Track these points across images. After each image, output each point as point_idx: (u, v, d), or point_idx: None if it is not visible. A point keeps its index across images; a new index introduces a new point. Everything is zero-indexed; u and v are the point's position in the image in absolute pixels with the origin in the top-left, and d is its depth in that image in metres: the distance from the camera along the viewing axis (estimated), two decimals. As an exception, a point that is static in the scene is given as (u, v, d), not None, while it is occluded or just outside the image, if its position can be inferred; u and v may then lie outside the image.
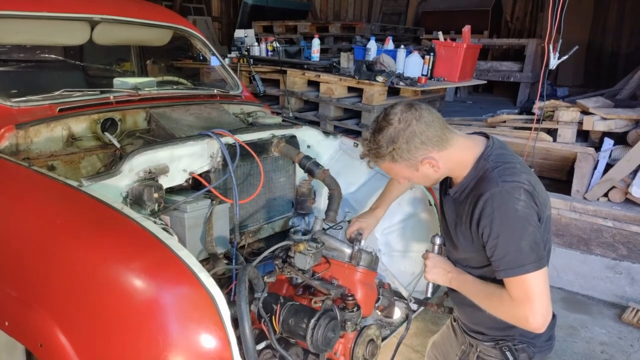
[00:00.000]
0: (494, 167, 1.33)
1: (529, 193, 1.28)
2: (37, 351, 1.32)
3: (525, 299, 1.25)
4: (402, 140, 1.31)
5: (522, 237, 1.25)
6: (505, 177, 1.30)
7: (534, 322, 1.25)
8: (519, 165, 1.35)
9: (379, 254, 1.86)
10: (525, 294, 1.25)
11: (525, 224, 1.26)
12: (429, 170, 1.37)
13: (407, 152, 1.33)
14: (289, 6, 8.39)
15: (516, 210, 1.26)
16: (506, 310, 1.31)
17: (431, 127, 1.32)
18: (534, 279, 1.25)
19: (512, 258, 1.26)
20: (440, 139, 1.34)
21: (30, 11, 2.20)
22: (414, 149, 1.32)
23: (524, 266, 1.25)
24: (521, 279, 1.25)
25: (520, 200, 1.26)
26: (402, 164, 1.36)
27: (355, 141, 2.57)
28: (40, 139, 1.88)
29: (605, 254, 3.42)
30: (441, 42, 4.68)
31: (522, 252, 1.25)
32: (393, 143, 1.32)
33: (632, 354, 2.83)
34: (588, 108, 3.68)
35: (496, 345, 1.45)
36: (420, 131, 1.31)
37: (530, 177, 1.33)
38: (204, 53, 3.06)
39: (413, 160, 1.34)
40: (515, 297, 1.27)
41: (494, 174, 1.31)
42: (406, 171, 1.39)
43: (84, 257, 1.31)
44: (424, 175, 1.39)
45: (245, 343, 1.25)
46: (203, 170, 1.93)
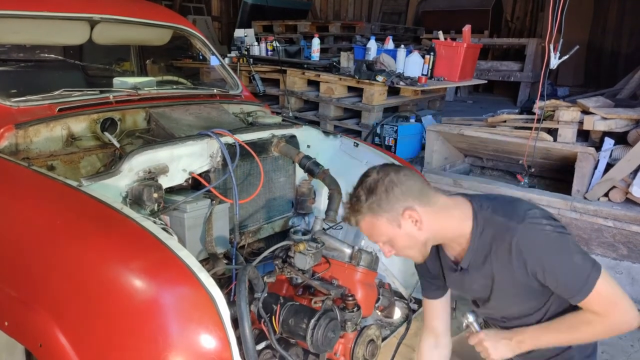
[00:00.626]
0: (494, 213, 1.30)
1: (542, 212, 1.29)
2: (36, 351, 1.32)
3: (612, 306, 1.24)
4: (381, 189, 1.26)
5: (571, 253, 1.24)
6: (513, 212, 1.28)
7: (632, 320, 1.24)
8: (508, 199, 1.37)
9: (379, 254, 1.86)
10: (608, 301, 1.24)
11: (566, 241, 1.25)
12: (412, 229, 1.28)
13: (387, 202, 1.26)
14: (288, 5, 8.38)
15: (547, 233, 1.24)
16: (601, 328, 1.27)
17: (411, 179, 1.29)
18: (604, 283, 1.23)
19: (577, 279, 1.23)
20: (421, 192, 1.29)
21: (29, 11, 2.19)
22: (393, 199, 1.26)
23: (590, 277, 1.23)
24: (596, 291, 1.22)
25: (545, 224, 1.25)
26: (383, 217, 1.28)
27: (355, 141, 2.57)
28: (39, 139, 1.88)
29: (605, 253, 3.41)
30: (441, 41, 4.68)
31: (580, 266, 1.23)
32: (372, 193, 1.27)
33: (632, 354, 2.83)
34: (588, 108, 3.67)
35: None
36: (400, 181, 1.27)
37: (522, 200, 1.35)
38: (203, 53, 3.06)
39: (394, 212, 1.27)
40: (602, 310, 1.24)
41: (501, 218, 1.28)
42: (388, 227, 1.29)
43: (84, 257, 1.31)
44: (407, 234, 1.29)
45: (245, 343, 1.25)
46: (203, 170, 1.93)
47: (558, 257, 1.24)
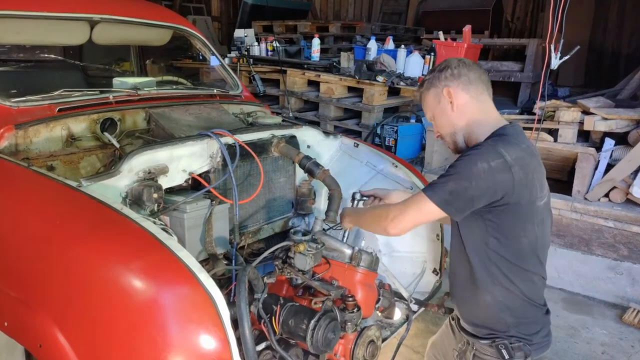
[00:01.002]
0: (500, 134, 1.40)
1: (503, 165, 1.30)
2: (36, 352, 1.32)
3: (404, 207, 1.41)
4: (439, 68, 1.49)
5: (456, 180, 1.32)
6: (499, 142, 1.35)
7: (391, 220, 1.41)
8: (524, 145, 1.38)
9: (379, 255, 1.86)
10: (410, 205, 1.40)
11: (469, 177, 1.30)
12: (447, 106, 1.47)
13: (437, 79, 1.48)
14: (289, 6, 8.38)
15: (475, 164, 1.30)
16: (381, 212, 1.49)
17: (468, 69, 1.46)
18: (427, 206, 1.35)
19: (437, 183, 1.36)
20: (469, 82, 1.45)
21: (29, 11, 2.19)
22: (442, 78, 1.47)
23: (435, 194, 1.34)
24: (422, 197, 1.36)
25: (487, 163, 1.30)
26: (431, 92, 1.50)
27: (355, 141, 2.57)
28: (39, 139, 1.88)
29: (606, 254, 3.41)
30: (442, 41, 4.68)
31: (445, 187, 1.33)
32: (432, 71, 1.51)
33: (632, 354, 2.83)
34: (589, 108, 3.67)
35: (492, 343, 1.45)
36: (456, 65, 1.47)
37: (525, 157, 1.35)
38: (203, 53, 3.06)
39: (438, 87, 1.48)
40: (401, 204, 1.44)
41: (494, 137, 1.39)
42: (432, 101, 1.50)
43: (84, 257, 1.31)
44: (442, 111, 1.48)
45: (245, 344, 1.25)
46: (203, 170, 1.93)
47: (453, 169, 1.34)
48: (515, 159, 1.31)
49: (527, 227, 1.38)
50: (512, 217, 1.36)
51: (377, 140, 4.39)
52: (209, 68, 4.06)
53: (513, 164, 1.31)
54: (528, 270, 1.42)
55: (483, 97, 1.48)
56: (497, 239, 1.38)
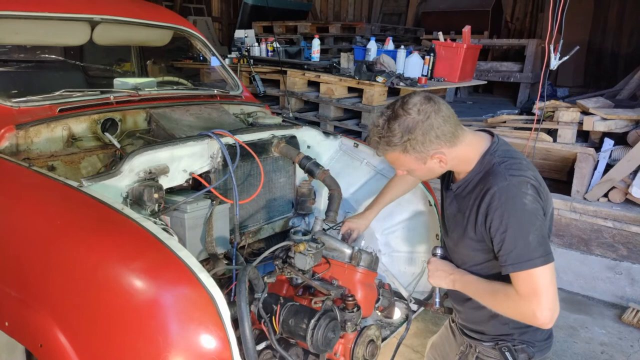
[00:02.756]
0: (500, 162, 1.33)
1: (535, 188, 1.29)
2: (37, 351, 1.32)
3: (533, 294, 1.24)
4: (418, 132, 1.30)
5: (530, 231, 1.25)
6: (513, 171, 1.30)
7: (542, 317, 1.24)
8: (524, 162, 1.36)
9: (379, 255, 1.86)
10: (533, 288, 1.24)
11: (533, 218, 1.26)
12: (436, 165, 1.37)
13: (422, 145, 1.31)
14: (289, 6, 8.38)
15: (524, 204, 1.26)
16: (513, 307, 1.29)
17: (447, 122, 1.32)
18: (542, 273, 1.24)
19: (520, 252, 1.25)
20: (453, 135, 1.33)
21: (30, 11, 2.20)
22: (428, 143, 1.31)
23: (532, 260, 1.24)
24: (528, 273, 1.24)
25: (527, 195, 1.27)
26: (412, 156, 1.34)
27: (355, 141, 2.57)
28: (40, 139, 1.88)
29: (605, 254, 3.41)
30: (441, 42, 4.68)
31: (530, 246, 1.24)
32: (409, 134, 1.30)
33: (632, 354, 2.83)
34: (588, 108, 3.68)
35: (495, 345, 1.45)
36: (437, 125, 1.30)
37: (535, 174, 1.34)
38: (204, 53, 3.06)
39: (424, 153, 1.33)
40: (522, 292, 1.25)
41: (501, 168, 1.31)
42: (413, 163, 1.37)
43: (84, 257, 1.31)
44: (429, 169, 1.39)
45: (245, 343, 1.25)
46: (203, 170, 1.93)
47: (516, 225, 1.25)
48: (533, 178, 1.31)
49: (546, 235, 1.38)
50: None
51: (377, 140, 4.39)
52: (209, 68, 4.06)
53: (537, 183, 1.31)
54: None
55: (461, 133, 1.36)
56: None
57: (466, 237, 1.41)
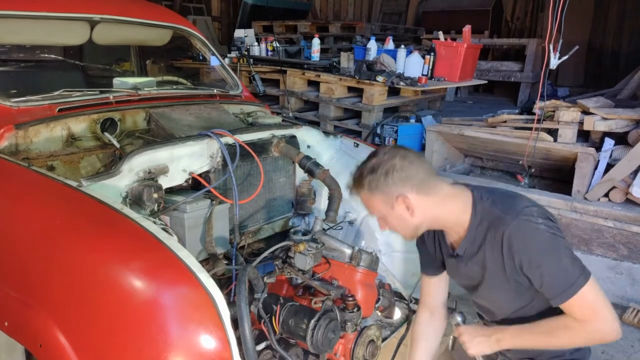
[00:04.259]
0: (493, 205, 1.32)
1: (540, 211, 1.29)
2: (36, 352, 1.32)
3: (592, 314, 1.23)
4: (381, 171, 1.31)
5: (560, 256, 1.25)
6: (510, 206, 1.30)
7: (611, 331, 1.23)
8: (511, 193, 1.37)
9: (379, 255, 1.86)
10: (589, 308, 1.23)
11: (557, 242, 1.26)
12: (404, 213, 1.34)
13: (384, 185, 1.32)
14: (289, 6, 8.38)
15: (542, 232, 1.25)
16: (579, 335, 1.28)
17: (414, 166, 1.32)
18: (590, 290, 1.23)
19: (562, 281, 1.24)
20: (421, 182, 1.32)
21: (30, 11, 2.19)
22: (391, 183, 1.31)
23: (576, 283, 1.23)
24: (579, 296, 1.22)
25: (539, 223, 1.26)
26: (378, 197, 1.34)
27: (355, 141, 2.57)
28: (39, 139, 1.88)
29: (605, 254, 3.41)
30: (441, 42, 4.68)
31: (568, 271, 1.24)
32: (372, 172, 1.33)
33: (632, 354, 2.83)
34: (589, 108, 3.67)
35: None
36: (401, 167, 1.31)
37: (526, 199, 1.35)
38: (203, 53, 3.06)
39: (389, 194, 1.32)
40: (581, 317, 1.24)
41: (499, 210, 1.30)
42: (382, 206, 1.36)
43: (84, 257, 1.31)
44: (399, 216, 1.36)
45: (245, 344, 1.25)
46: (203, 170, 1.93)
47: (546, 256, 1.25)
48: (528, 201, 1.32)
49: None
50: None
51: (377, 140, 4.39)
52: (209, 68, 4.06)
53: (536, 204, 1.31)
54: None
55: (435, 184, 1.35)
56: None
57: (503, 287, 1.37)
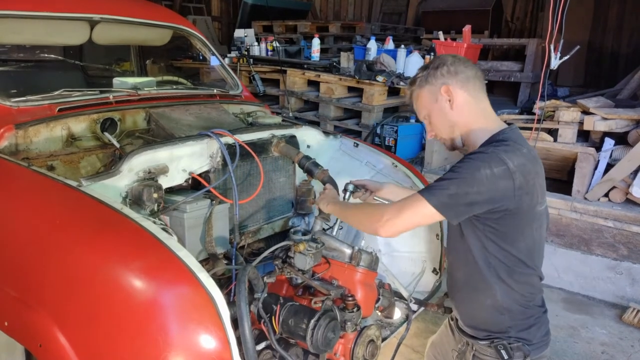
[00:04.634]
0: (501, 140, 1.37)
1: (506, 173, 1.29)
2: (36, 351, 1.32)
3: (400, 208, 1.37)
4: (433, 65, 1.44)
5: (458, 185, 1.30)
6: (500, 148, 1.33)
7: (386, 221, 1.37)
8: (525, 151, 1.36)
9: (379, 254, 1.86)
10: (405, 206, 1.36)
11: (471, 183, 1.29)
12: (445, 105, 1.43)
13: (433, 76, 1.43)
14: (289, 6, 8.38)
15: (478, 170, 1.29)
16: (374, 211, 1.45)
17: (463, 64, 1.42)
18: (423, 209, 1.32)
19: (436, 186, 1.33)
20: (467, 79, 1.42)
21: (30, 11, 2.19)
22: (439, 75, 1.42)
23: (433, 196, 1.32)
24: (419, 198, 1.33)
25: (490, 169, 1.28)
26: (425, 90, 1.45)
27: (355, 141, 2.57)
28: (39, 139, 1.88)
29: (605, 254, 3.41)
30: (441, 41, 4.68)
31: (445, 190, 1.31)
32: (426, 69, 1.46)
33: (632, 354, 2.83)
34: (589, 108, 3.67)
35: (491, 344, 1.45)
36: (452, 62, 1.42)
37: (526, 164, 1.33)
38: (203, 53, 3.06)
39: (435, 85, 1.43)
40: (397, 204, 1.40)
41: (496, 144, 1.35)
42: (427, 100, 1.46)
43: (84, 257, 1.31)
44: (440, 110, 1.44)
45: (245, 343, 1.25)
46: (203, 170, 1.93)
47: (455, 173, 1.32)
48: (517, 165, 1.30)
49: (526, 232, 1.39)
50: (512, 223, 1.36)
51: (377, 140, 4.39)
52: (209, 68, 4.06)
53: (515, 170, 1.30)
54: (526, 273, 1.42)
55: (481, 96, 1.45)
56: (495, 243, 1.38)
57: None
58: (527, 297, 1.44)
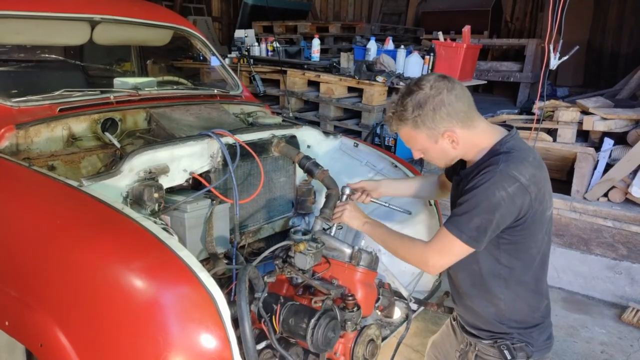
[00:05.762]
0: (505, 153, 1.34)
1: (520, 189, 1.29)
2: (37, 351, 1.32)
3: (439, 251, 1.37)
4: (429, 107, 1.31)
5: (480, 215, 1.29)
6: (510, 163, 1.31)
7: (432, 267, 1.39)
8: (531, 159, 1.35)
9: (379, 254, 1.86)
10: (443, 248, 1.36)
11: (492, 210, 1.29)
12: (448, 146, 1.38)
13: (432, 121, 1.32)
14: (289, 6, 8.38)
15: (494, 194, 1.28)
16: (415, 249, 1.44)
17: (460, 101, 1.33)
18: (458, 246, 1.33)
19: (461, 220, 1.33)
20: (466, 116, 1.34)
21: (30, 11, 2.20)
22: (439, 119, 1.32)
23: (462, 234, 1.32)
24: (451, 237, 1.33)
25: (504, 190, 1.28)
26: (423, 132, 1.36)
27: (355, 141, 2.57)
28: (40, 139, 1.88)
29: (605, 254, 3.41)
30: (441, 42, 4.68)
31: (469, 223, 1.31)
32: (420, 108, 1.32)
33: (632, 354, 2.83)
34: (588, 108, 3.68)
35: (494, 343, 1.46)
36: (449, 102, 1.31)
37: (536, 173, 1.33)
38: (204, 53, 3.06)
39: (435, 130, 1.34)
40: (434, 243, 1.39)
41: (501, 159, 1.32)
42: (425, 141, 1.39)
43: (84, 257, 1.31)
44: (441, 149, 1.40)
45: (246, 343, 1.25)
46: (203, 170, 1.93)
47: (476, 203, 1.30)
48: (529, 178, 1.30)
49: (538, 238, 1.39)
50: (526, 232, 1.36)
51: (377, 140, 4.40)
52: (209, 68, 4.06)
53: (528, 184, 1.29)
54: (534, 280, 1.43)
55: (476, 118, 1.38)
56: (508, 253, 1.38)
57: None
58: (534, 304, 1.45)
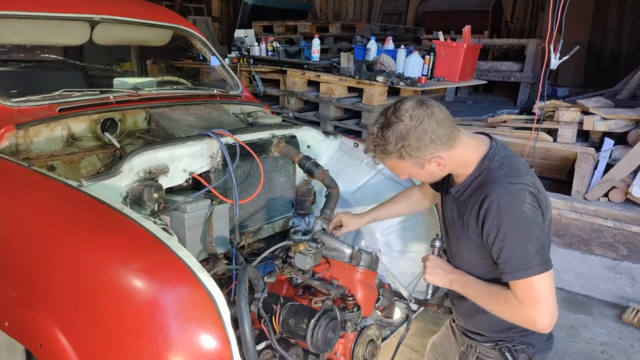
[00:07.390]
0: (499, 167, 1.32)
1: (534, 195, 1.28)
2: (37, 351, 1.32)
3: (533, 301, 1.24)
4: (412, 138, 1.28)
5: (528, 239, 1.24)
6: (511, 178, 1.29)
7: (542, 324, 1.25)
8: (522, 167, 1.35)
9: (379, 254, 1.86)
10: (532, 296, 1.24)
11: (532, 227, 1.25)
12: (435, 169, 1.36)
13: (417, 151, 1.30)
14: (289, 6, 8.38)
15: (522, 212, 1.25)
16: (513, 312, 1.30)
17: (442, 125, 1.30)
18: (540, 281, 1.24)
19: (518, 261, 1.25)
20: (449, 137, 1.31)
21: (30, 11, 2.20)
22: (423, 148, 1.29)
23: (531, 268, 1.24)
24: (527, 281, 1.24)
25: (526, 203, 1.26)
26: (409, 162, 1.33)
27: (355, 141, 2.57)
28: (40, 139, 1.88)
29: (605, 254, 3.41)
30: (441, 42, 4.68)
31: (528, 254, 1.24)
32: (403, 140, 1.29)
33: (632, 354, 2.83)
34: (588, 108, 3.68)
35: (495, 346, 1.45)
36: (432, 130, 1.28)
37: (534, 179, 1.33)
38: (204, 53, 3.06)
39: (421, 158, 1.32)
40: (522, 299, 1.26)
41: (500, 175, 1.30)
42: (412, 169, 1.37)
43: (84, 257, 1.31)
44: (429, 173, 1.38)
45: (245, 343, 1.25)
46: (203, 170, 1.93)
47: (514, 234, 1.25)
48: (532, 183, 1.30)
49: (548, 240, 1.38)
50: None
51: (377, 140, 4.38)
52: (209, 68, 4.06)
53: (534, 189, 1.29)
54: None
55: (458, 135, 1.35)
56: None
57: (466, 240, 1.41)
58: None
